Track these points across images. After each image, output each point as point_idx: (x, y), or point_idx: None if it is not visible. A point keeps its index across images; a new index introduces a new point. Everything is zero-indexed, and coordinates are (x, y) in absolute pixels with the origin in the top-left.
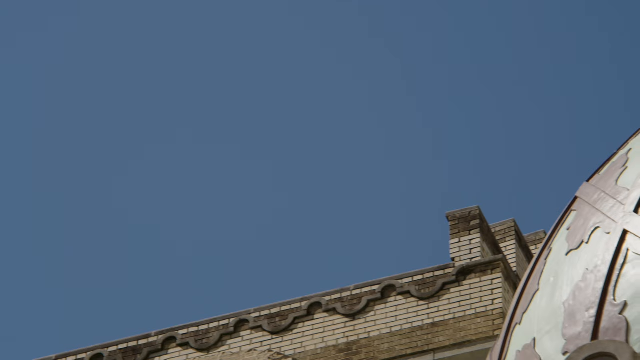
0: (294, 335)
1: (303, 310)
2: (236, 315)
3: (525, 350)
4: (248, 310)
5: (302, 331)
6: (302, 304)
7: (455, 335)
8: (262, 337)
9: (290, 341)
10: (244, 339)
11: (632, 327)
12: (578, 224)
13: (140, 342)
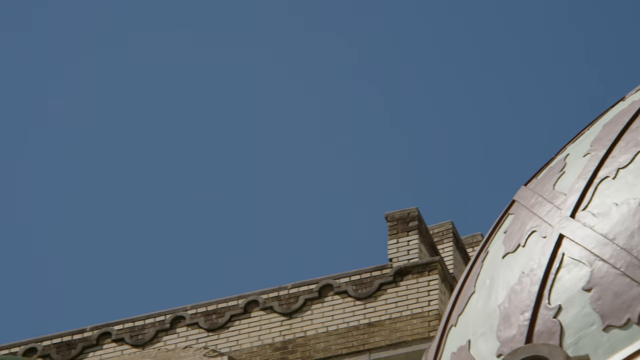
0: (230, 333)
1: (240, 308)
2: (172, 311)
3: (459, 352)
4: (184, 307)
5: (238, 329)
6: (239, 301)
7: (391, 335)
8: (198, 334)
9: (226, 339)
10: (179, 335)
11: (566, 331)
12: (515, 227)
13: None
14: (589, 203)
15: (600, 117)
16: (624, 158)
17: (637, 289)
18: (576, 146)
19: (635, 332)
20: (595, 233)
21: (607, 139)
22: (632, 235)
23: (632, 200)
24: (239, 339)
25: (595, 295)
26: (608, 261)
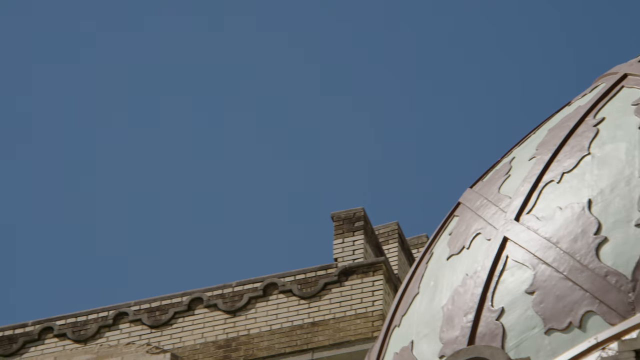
0: (174, 330)
1: (184, 305)
2: (116, 307)
3: (402, 352)
4: (128, 303)
5: (181, 326)
6: (183, 298)
7: (334, 335)
8: (141, 330)
9: (170, 336)
10: (122, 332)
11: (508, 333)
12: (460, 229)
13: (17, 331)
14: (533, 206)
15: (546, 122)
16: (569, 162)
17: (579, 293)
18: (522, 150)
19: (577, 335)
20: (539, 236)
21: (552, 143)
22: (575, 240)
23: (576, 204)
24: (182, 336)
25: (538, 298)
26: (551, 265)
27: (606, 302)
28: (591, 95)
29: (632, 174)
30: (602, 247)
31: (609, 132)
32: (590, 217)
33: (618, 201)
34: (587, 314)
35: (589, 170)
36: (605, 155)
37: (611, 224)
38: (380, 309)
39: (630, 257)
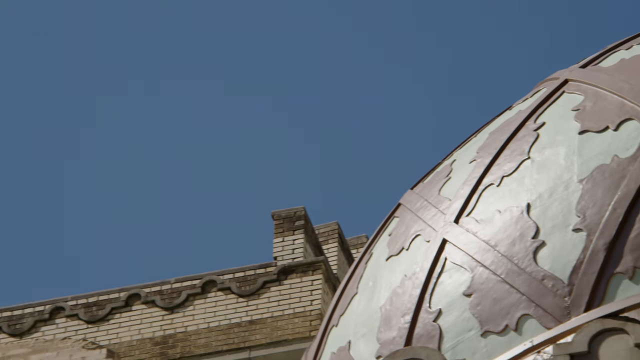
0: (110, 325)
1: (121, 301)
2: (52, 302)
3: (339, 352)
4: (65, 298)
5: (118, 322)
6: (120, 294)
7: (272, 334)
8: (77, 325)
9: (106, 331)
10: (58, 326)
11: (445, 335)
12: (400, 230)
13: None
14: (473, 209)
15: (487, 125)
16: (509, 166)
17: (516, 296)
18: (463, 152)
19: (513, 338)
20: (478, 239)
21: (493, 146)
22: (514, 243)
23: (515, 208)
24: (119, 332)
25: (475, 300)
26: (489, 267)
27: (542, 305)
28: (532, 100)
29: (570, 179)
30: (539, 251)
31: (549, 136)
32: (529, 221)
33: (556, 206)
34: (523, 317)
35: (528, 174)
36: (545, 159)
37: (549, 228)
38: (318, 309)
39: (567, 262)
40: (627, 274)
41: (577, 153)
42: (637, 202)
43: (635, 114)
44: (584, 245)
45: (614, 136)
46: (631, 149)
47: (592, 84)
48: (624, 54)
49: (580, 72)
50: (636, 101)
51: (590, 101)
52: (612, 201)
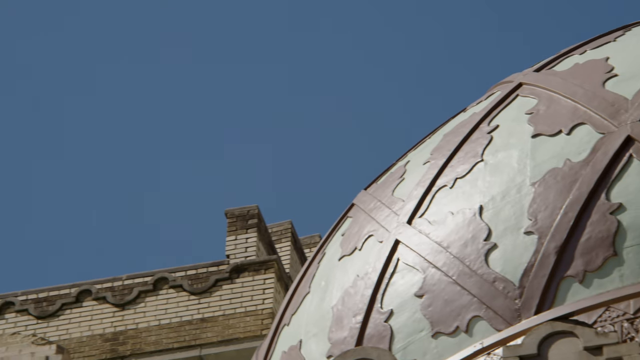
0: (60, 321)
1: (72, 297)
2: (2, 297)
3: (290, 351)
4: (15, 293)
5: (69, 318)
6: (71, 290)
7: (223, 332)
8: (27, 321)
9: (56, 327)
10: (8, 321)
11: (396, 336)
12: (353, 230)
13: None
14: (425, 210)
15: (442, 127)
16: (462, 168)
17: (467, 298)
18: (417, 154)
19: (463, 340)
20: (430, 240)
21: (446, 148)
22: (466, 245)
23: (468, 210)
24: (69, 328)
25: (427, 301)
26: (441, 269)
27: (493, 307)
28: (486, 103)
29: (523, 182)
30: (491, 253)
31: (503, 139)
32: (481, 223)
33: (509, 208)
34: (474, 319)
35: (481, 176)
36: (498, 162)
37: (501, 231)
38: (270, 307)
39: (518, 264)
40: (577, 277)
41: (530, 156)
42: (589, 206)
43: (588, 118)
44: (535, 248)
45: (566, 140)
46: (583, 153)
47: (546, 88)
48: (577, 59)
49: (535, 75)
50: (589, 106)
51: (543, 105)
52: (564, 205)
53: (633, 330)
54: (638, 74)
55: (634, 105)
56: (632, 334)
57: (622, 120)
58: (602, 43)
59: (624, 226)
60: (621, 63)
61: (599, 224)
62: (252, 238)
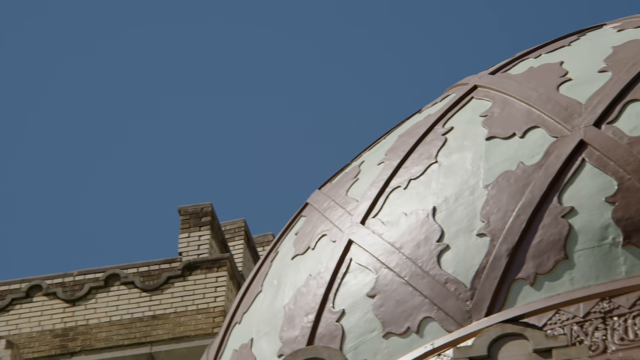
0: (10, 316)
1: (22, 292)
2: None
3: (241, 349)
4: None
5: (19, 313)
6: (21, 285)
7: (174, 329)
8: None
9: (6, 322)
10: None
11: (347, 336)
12: (306, 229)
13: None
14: (379, 211)
15: (397, 128)
16: (416, 169)
17: (419, 299)
18: (371, 154)
19: (414, 340)
20: (383, 241)
21: (401, 149)
22: (418, 246)
23: (421, 211)
24: (19, 323)
25: (379, 302)
26: (393, 269)
27: (444, 309)
28: (441, 105)
29: (476, 184)
30: (443, 254)
31: (457, 141)
32: (434, 224)
33: (462, 210)
34: (425, 320)
35: (435, 178)
36: (452, 164)
37: (454, 233)
38: (222, 305)
39: (470, 266)
40: (528, 280)
41: (484, 159)
42: (541, 209)
43: (541, 122)
44: (487, 250)
45: (520, 143)
46: (536, 157)
47: (501, 91)
48: (532, 62)
49: (490, 78)
50: (543, 109)
51: (498, 108)
52: (516, 207)
53: (582, 333)
54: (592, 78)
55: (588, 109)
56: (581, 337)
57: (576, 124)
58: (557, 47)
59: (575, 230)
60: (575, 67)
61: (550, 227)
62: (205, 236)
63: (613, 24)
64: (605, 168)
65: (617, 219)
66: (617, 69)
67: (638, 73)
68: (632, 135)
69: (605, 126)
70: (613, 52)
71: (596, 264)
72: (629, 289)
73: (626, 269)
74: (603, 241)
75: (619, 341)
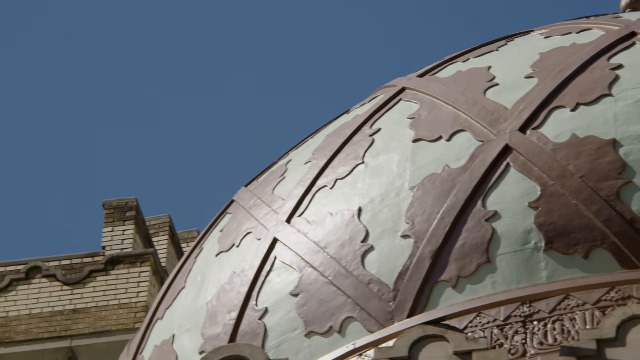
0: None
1: None
2: None
3: (163, 345)
4: None
5: None
6: None
7: (95, 324)
8: None
9: None
10: None
11: (270, 334)
12: (232, 227)
13: None
14: (305, 210)
15: (325, 127)
16: (343, 170)
17: (342, 299)
18: (299, 153)
19: (336, 340)
20: (308, 240)
21: (328, 149)
22: (343, 246)
23: (347, 211)
24: None
25: (302, 301)
26: (317, 269)
27: (367, 309)
28: (369, 106)
29: (402, 186)
30: (367, 255)
31: (384, 143)
32: (359, 225)
33: (387, 212)
34: (347, 320)
35: (361, 179)
36: (379, 165)
37: (379, 234)
38: (144, 301)
39: (394, 267)
40: (450, 282)
41: (410, 161)
42: (465, 212)
43: (468, 125)
44: (411, 252)
45: (446, 146)
46: (462, 160)
47: (429, 94)
48: (461, 66)
49: (418, 81)
50: (470, 113)
51: (425, 110)
52: (441, 210)
53: (503, 337)
54: (519, 84)
55: (514, 114)
56: (501, 340)
57: (501, 129)
58: (485, 52)
59: (499, 234)
60: (503, 72)
61: (474, 230)
62: (129, 230)
63: (540, 31)
64: (530, 173)
65: (539, 224)
66: (544, 75)
67: (564, 80)
68: (556, 142)
69: (530, 132)
70: (540, 58)
71: (518, 269)
72: (549, 294)
73: (547, 274)
74: (525, 246)
75: (538, 345)
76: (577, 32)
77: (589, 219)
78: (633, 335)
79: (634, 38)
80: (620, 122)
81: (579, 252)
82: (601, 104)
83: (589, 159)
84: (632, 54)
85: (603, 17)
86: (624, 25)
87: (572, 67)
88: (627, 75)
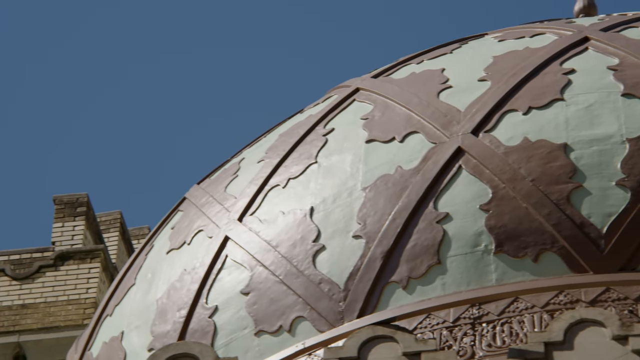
0: None
1: None
2: None
3: (111, 342)
4: None
5: None
6: None
7: (43, 319)
8: None
9: None
10: None
11: (219, 332)
12: (183, 224)
13: None
14: (257, 209)
15: (278, 126)
16: (296, 169)
17: (292, 298)
18: (252, 151)
19: (285, 339)
20: (260, 239)
21: (281, 148)
22: (294, 245)
23: (299, 210)
24: None
25: (252, 299)
26: (268, 267)
27: (317, 309)
28: (323, 106)
29: (354, 186)
30: (319, 254)
31: (337, 143)
32: (311, 224)
33: (339, 211)
34: (297, 319)
35: (314, 178)
36: (331, 165)
37: (330, 233)
38: (94, 297)
39: (345, 267)
40: (401, 283)
41: (363, 161)
42: (417, 213)
43: (421, 127)
44: (362, 252)
45: (399, 147)
46: (414, 161)
47: (382, 95)
48: (415, 68)
49: (372, 81)
50: (423, 115)
51: (379, 111)
52: (393, 211)
53: (451, 338)
54: (472, 86)
55: (466, 117)
56: (450, 342)
57: (454, 131)
58: (439, 54)
59: (449, 235)
60: (456, 75)
61: (425, 231)
62: (79, 226)
63: (495, 34)
64: (481, 176)
65: (490, 227)
66: (497, 78)
67: (517, 83)
68: (508, 145)
69: (482, 134)
70: (493, 61)
71: (468, 270)
72: (498, 296)
73: (497, 277)
74: (475, 248)
75: (486, 347)
76: (530, 36)
77: (539, 222)
78: (580, 338)
79: (586, 43)
80: (572, 126)
81: (528, 255)
82: (553, 108)
83: (540, 162)
84: (585, 58)
85: (556, 21)
86: (576, 30)
87: (525, 71)
88: (579, 80)
